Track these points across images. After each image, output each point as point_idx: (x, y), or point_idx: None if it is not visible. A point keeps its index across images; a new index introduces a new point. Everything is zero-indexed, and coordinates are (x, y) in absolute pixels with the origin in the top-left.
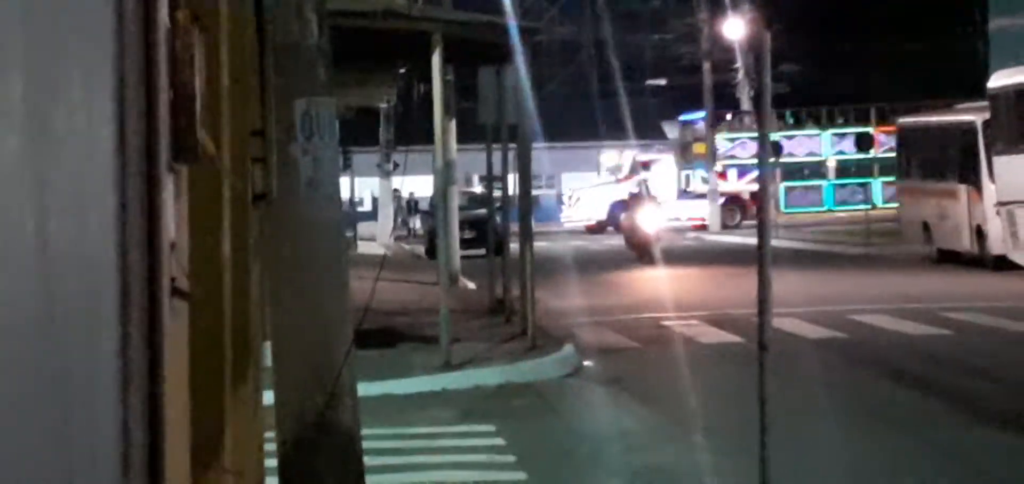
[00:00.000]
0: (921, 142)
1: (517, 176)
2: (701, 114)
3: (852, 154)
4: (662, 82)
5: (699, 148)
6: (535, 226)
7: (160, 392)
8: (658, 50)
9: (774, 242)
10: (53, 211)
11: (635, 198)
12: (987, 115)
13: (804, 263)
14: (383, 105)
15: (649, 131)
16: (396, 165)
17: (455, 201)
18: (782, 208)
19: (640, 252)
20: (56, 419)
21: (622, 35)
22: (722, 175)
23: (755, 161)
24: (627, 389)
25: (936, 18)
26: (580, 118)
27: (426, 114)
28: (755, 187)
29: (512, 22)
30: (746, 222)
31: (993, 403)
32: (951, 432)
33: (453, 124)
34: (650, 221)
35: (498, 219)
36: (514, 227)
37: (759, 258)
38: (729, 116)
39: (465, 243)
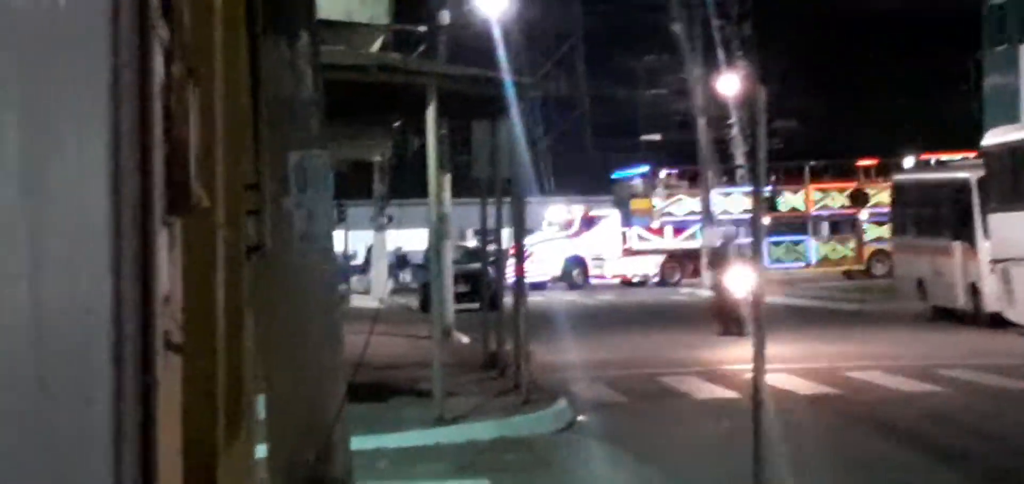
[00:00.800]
0: (915, 199)
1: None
2: (637, 170)
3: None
4: (657, 137)
5: (639, 204)
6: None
7: (153, 447)
8: (653, 106)
9: (768, 299)
10: (47, 263)
11: (719, 256)
12: (982, 172)
13: (797, 319)
14: (377, 158)
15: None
16: (390, 218)
17: (449, 255)
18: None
19: (726, 320)
20: (48, 474)
21: (616, 91)
22: (658, 231)
23: (691, 218)
24: (621, 444)
25: (931, 75)
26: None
27: (420, 167)
28: (691, 245)
29: (507, 77)
30: (685, 279)
31: (986, 461)
32: None
33: (448, 178)
34: (737, 282)
35: (491, 273)
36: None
37: (754, 315)
38: (664, 173)
39: (459, 297)
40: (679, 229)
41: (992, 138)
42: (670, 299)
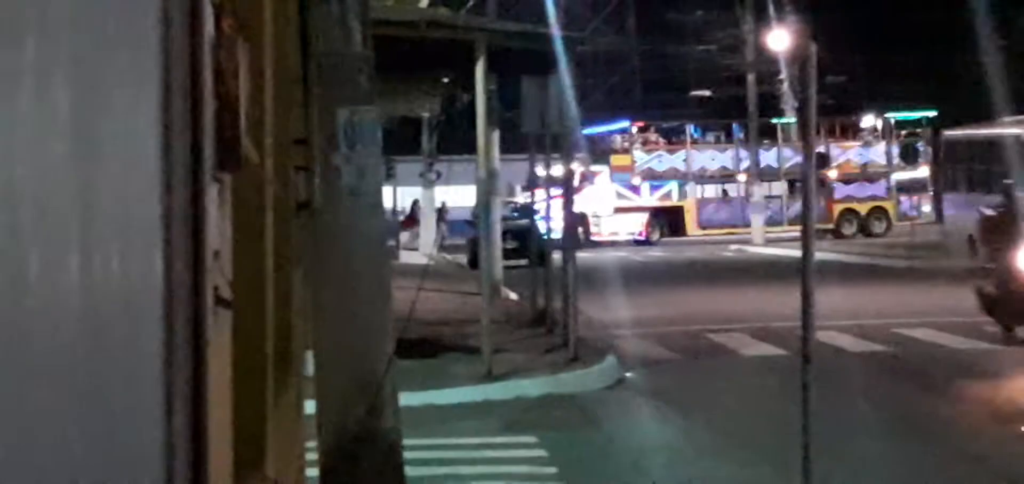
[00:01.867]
0: (966, 155)
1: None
2: (614, 126)
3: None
4: (707, 93)
5: (620, 160)
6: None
7: (204, 401)
8: (704, 61)
9: (818, 255)
10: (98, 220)
11: (1005, 223)
12: None
13: (847, 277)
14: (426, 115)
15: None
16: (439, 174)
17: (498, 211)
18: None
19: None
20: (100, 429)
21: (665, 46)
22: (635, 189)
23: (671, 175)
24: (669, 401)
25: (981, 34)
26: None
27: (469, 124)
28: (670, 202)
29: (556, 31)
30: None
31: None
32: (991, 444)
33: (496, 134)
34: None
35: (540, 230)
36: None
37: (803, 271)
38: (635, 128)
39: (507, 253)
40: (657, 186)
41: None
42: (720, 256)
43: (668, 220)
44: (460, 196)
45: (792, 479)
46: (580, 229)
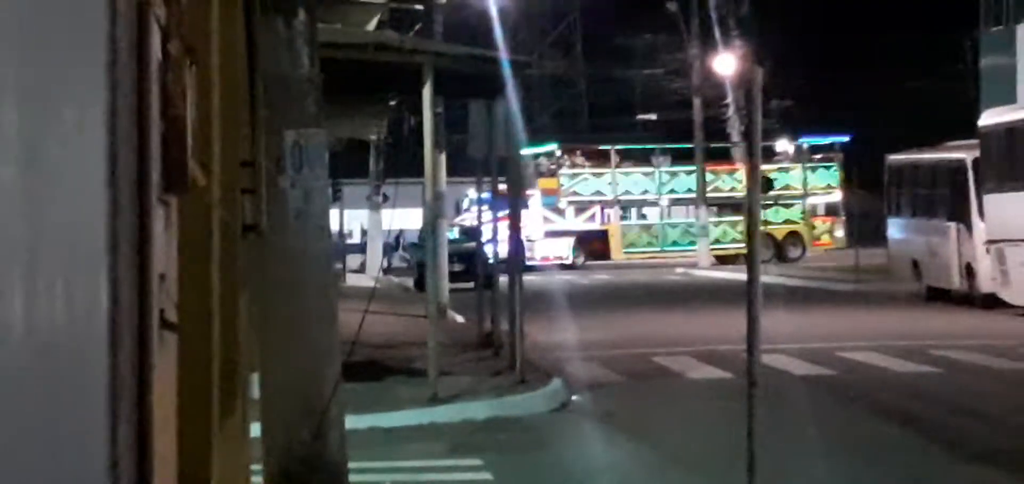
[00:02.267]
0: (910, 179)
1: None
2: (543, 148)
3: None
4: (653, 116)
5: (547, 183)
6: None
7: (149, 424)
8: (651, 85)
9: (765, 279)
10: (44, 241)
11: None
12: (977, 153)
13: (793, 300)
14: (373, 137)
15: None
16: (386, 197)
17: (445, 234)
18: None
19: None
20: (44, 451)
21: (612, 69)
22: (560, 211)
23: (596, 198)
24: (616, 424)
25: (927, 56)
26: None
27: (416, 146)
28: (595, 226)
29: (503, 55)
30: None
31: (978, 441)
32: (936, 469)
33: (443, 157)
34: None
35: (487, 252)
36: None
37: (748, 294)
38: (559, 153)
39: (454, 276)
40: (582, 209)
41: (988, 118)
42: (665, 279)
43: (593, 244)
44: (408, 219)
45: None
46: None
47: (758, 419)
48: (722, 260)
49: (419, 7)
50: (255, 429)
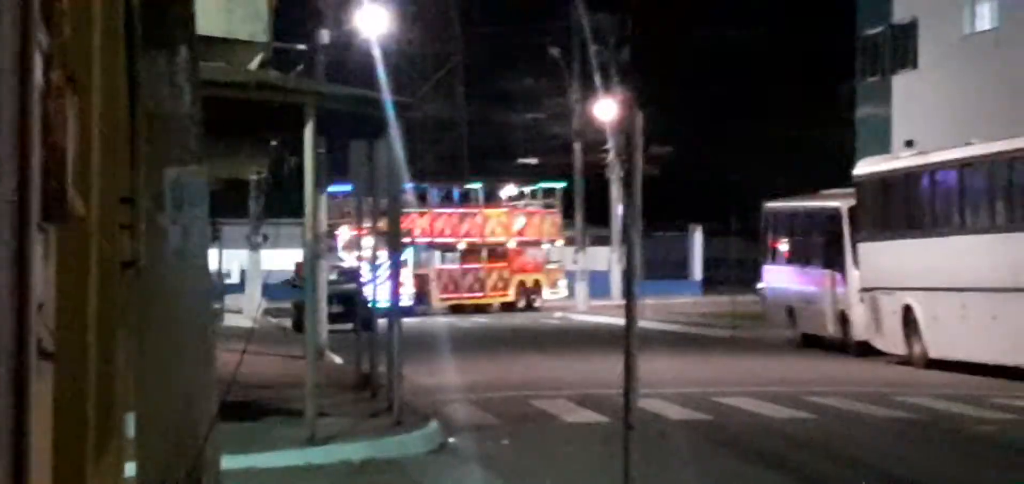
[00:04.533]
0: (786, 226)
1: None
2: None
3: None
4: (533, 160)
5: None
6: None
7: (26, 454)
8: (530, 129)
9: (642, 324)
10: None
11: None
12: (852, 202)
13: (671, 345)
14: (254, 176)
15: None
16: (266, 237)
17: (324, 275)
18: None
19: None
20: None
21: (494, 113)
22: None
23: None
24: (492, 467)
25: (804, 106)
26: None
27: (297, 186)
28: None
29: (386, 96)
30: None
31: None
32: None
33: (324, 197)
34: None
35: (366, 294)
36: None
37: (626, 339)
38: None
39: (333, 317)
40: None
41: (864, 167)
42: (544, 323)
43: (417, 287)
44: (287, 259)
45: None
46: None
47: (634, 463)
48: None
49: (302, 47)
50: (131, 468)
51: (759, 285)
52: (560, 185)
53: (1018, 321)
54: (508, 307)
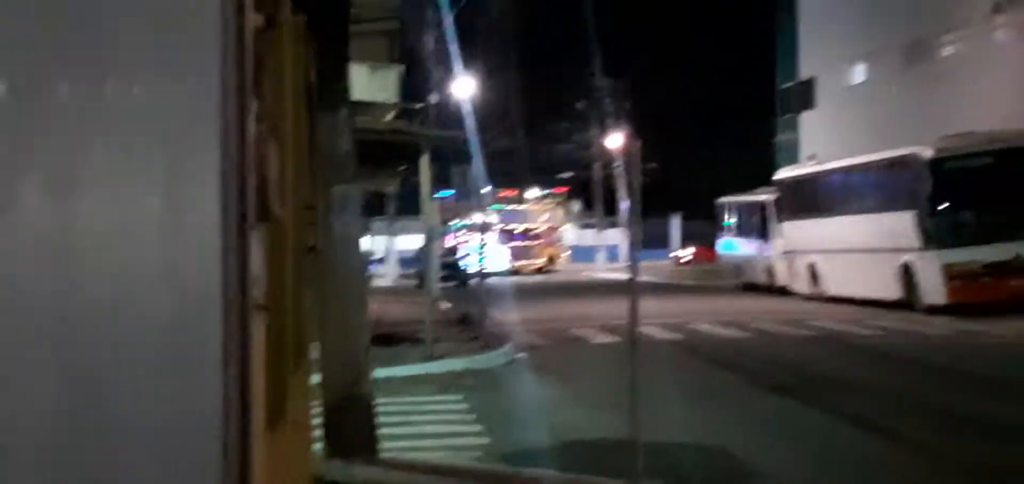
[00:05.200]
0: (733, 213)
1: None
2: (450, 192)
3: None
4: (569, 174)
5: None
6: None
7: (249, 371)
8: (565, 154)
9: (640, 279)
10: (183, 250)
11: None
12: (775, 196)
13: (658, 293)
14: (390, 189)
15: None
16: (398, 228)
17: (436, 251)
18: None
19: None
20: (178, 390)
21: (541, 143)
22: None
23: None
24: (545, 372)
25: (746, 133)
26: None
27: (417, 194)
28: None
29: (471, 135)
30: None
31: (778, 379)
32: (752, 398)
33: (435, 201)
34: None
35: (463, 263)
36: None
37: (631, 288)
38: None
39: (443, 279)
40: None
41: (782, 174)
42: (577, 278)
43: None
44: (414, 242)
45: (623, 419)
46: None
47: (636, 367)
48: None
49: (419, 106)
50: (316, 377)
51: (716, 251)
52: (565, 190)
53: (880, 270)
54: (539, 271)
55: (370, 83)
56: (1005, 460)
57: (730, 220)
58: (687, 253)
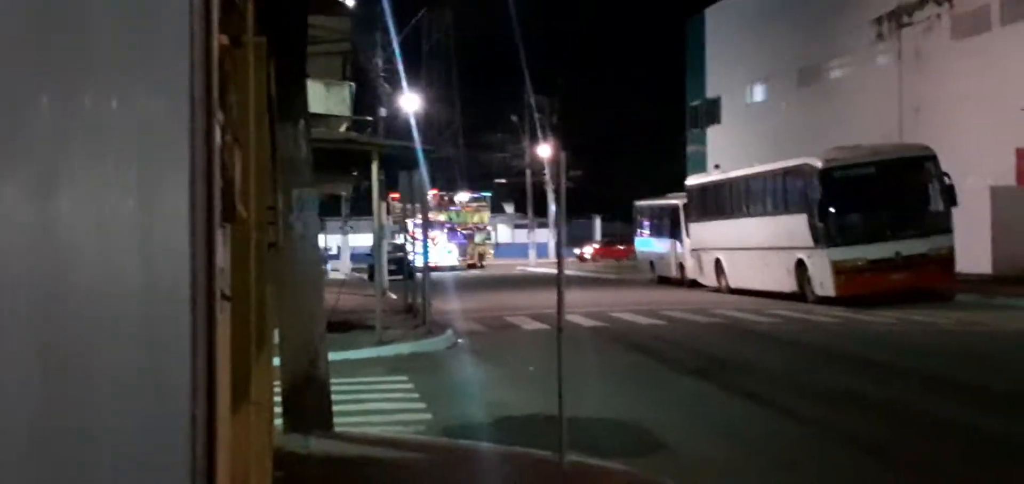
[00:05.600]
0: (648, 214)
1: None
2: (397, 195)
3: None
4: (504, 181)
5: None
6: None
7: (215, 355)
8: (501, 162)
9: (566, 273)
10: (155, 246)
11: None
12: (685, 200)
13: (583, 285)
14: (343, 193)
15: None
16: (351, 227)
17: (385, 248)
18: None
19: None
20: (151, 369)
21: (478, 151)
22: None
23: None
24: (483, 355)
25: (659, 147)
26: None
27: (368, 198)
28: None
29: (418, 145)
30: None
31: (690, 363)
32: (668, 380)
33: (384, 204)
34: None
35: (409, 259)
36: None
37: (558, 281)
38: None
39: (391, 272)
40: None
41: (691, 180)
42: (511, 273)
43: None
44: (365, 241)
45: (551, 399)
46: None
47: (563, 350)
48: (471, 265)
49: (370, 118)
50: (277, 361)
51: (634, 249)
52: (488, 194)
53: (777, 266)
54: (471, 266)
55: (326, 98)
56: (879, 431)
57: (645, 221)
58: (588, 250)
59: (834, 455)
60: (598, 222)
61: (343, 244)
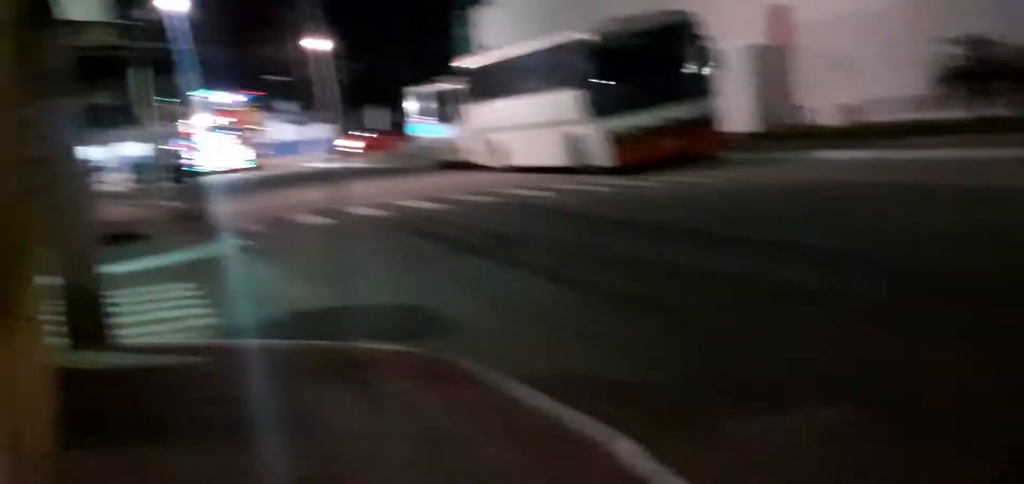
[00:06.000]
0: (422, 102)
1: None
2: (170, 99)
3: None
4: (279, 78)
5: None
6: None
7: None
8: (272, 58)
9: (344, 165)
10: None
11: None
12: (461, 84)
13: (364, 177)
14: (107, 101)
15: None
16: (122, 136)
17: (161, 155)
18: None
19: None
20: None
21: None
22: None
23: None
24: (268, 255)
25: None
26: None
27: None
28: None
29: (182, 46)
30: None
31: (471, 244)
32: (452, 260)
33: (156, 110)
34: None
35: (185, 164)
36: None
37: (340, 176)
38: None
39: (169, 180)
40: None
41: (464, 62)
42: (294, 168)
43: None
44: (139, 149)
45: (336, 292)
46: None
47: (344, 241)
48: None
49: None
50: (55, 279)
51: (408, 136)
52: (263, 93)
53: (555, 140)
54: (250, 169)
55: (77, 3)
56: (656, 290)
57: (420, 107)
58: (356, 145)
59: (614, 316)
60: (371, 113)
61: (116, 154)
